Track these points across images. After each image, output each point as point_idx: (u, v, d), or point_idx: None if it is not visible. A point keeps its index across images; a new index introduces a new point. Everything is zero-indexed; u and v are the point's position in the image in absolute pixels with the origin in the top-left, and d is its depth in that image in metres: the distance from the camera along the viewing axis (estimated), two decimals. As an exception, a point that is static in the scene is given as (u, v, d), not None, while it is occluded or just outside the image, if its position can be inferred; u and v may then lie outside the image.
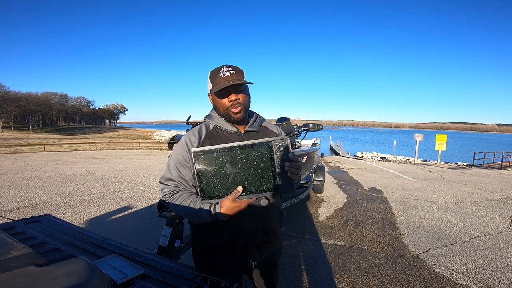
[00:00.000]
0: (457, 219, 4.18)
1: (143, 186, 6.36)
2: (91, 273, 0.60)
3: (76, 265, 0.62)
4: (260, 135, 1.23)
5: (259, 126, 1.25)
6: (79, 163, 10.71)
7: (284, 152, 0.93)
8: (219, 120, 1.18)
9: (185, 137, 1.16)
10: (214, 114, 1.21)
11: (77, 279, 0.56)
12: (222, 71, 1.10)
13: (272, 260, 1.37)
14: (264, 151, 0.93)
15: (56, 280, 0.55)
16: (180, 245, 2.14)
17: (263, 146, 0.94)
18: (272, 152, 0.93)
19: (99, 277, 0.62)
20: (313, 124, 3.77)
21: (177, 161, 1.13)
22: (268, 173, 0.94)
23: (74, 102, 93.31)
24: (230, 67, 1.11)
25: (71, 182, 6.66)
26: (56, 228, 1.49)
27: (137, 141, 28.02)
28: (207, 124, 1.21)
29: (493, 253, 3.01)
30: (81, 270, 0.60)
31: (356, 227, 3.86)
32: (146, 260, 1.14)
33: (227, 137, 1.17)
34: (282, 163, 0.93)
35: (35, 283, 0.54)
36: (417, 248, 3.15)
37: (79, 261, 0.64)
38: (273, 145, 0.93)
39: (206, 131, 1.18)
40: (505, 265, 2.74)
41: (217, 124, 1.18)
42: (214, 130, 1.18)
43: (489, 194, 6.01)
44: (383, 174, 9.14)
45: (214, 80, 1.11)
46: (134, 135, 48.31)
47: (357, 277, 2.54)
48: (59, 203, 4.89)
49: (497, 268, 2.69)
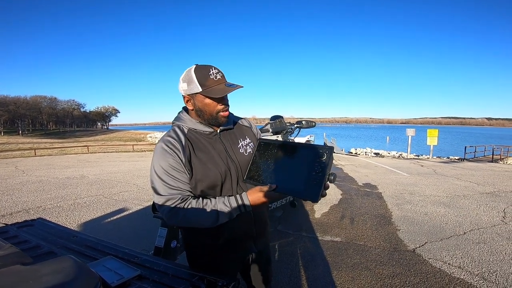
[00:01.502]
0: (451, 213, 4.23)
1: (137, 188, 6.31)
2: (78, 272, 0.59)
3: (62, 263, 0.61)
4: (234, 131, 1.24)
5: (232, 123, 1.25)
6: (71, 166, 10.57)
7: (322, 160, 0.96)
8: (193, 122, 1.15)
9: (165, 143, 1.08)
10: (185, 117, 1.17)
11: (63, 277, 0.56)
12: (212, 72, 1.07)
13: (265, 255, 1.41)
14: (308, 155, 0.99)
15: (41, 278, 0.55)
16: (177, 245, 2.13)
17: (309, 150, 1.00)
18: (314, 158, 0.97)
19: (87, 275, 0.61)
20: (306, 121, 3.78)
21: (168, 168, 1.05)
22: (302, 176, 0.97)
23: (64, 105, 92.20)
24: (217, 69, 1.10)
25: (63, 186, 6.57)
26: (50, 232, 1.47)
27: (130, 143, 27.76)
28: (180, 127, 1.15)
29: (488, 246, 3.04)
30: (67, 268, 0.59)
31: (352, 223, 3.89)
32: (142, 261, 1.13)
33: (206, 139, 1.15)
34: (317, 171, 0.95)
35: (21, 281, 0.54)
36: (413, 243, 3.17)
37: (66, 260, 0.63)
38: (317, 152, 0.98)
39: (184, 135, 1.12)
40: (500, 258, 2.76)
41: (192, 127, 1.14)
42: (191, 133, 1.13)
43: (481, 187, 6.10)
44: (377, 170, 9.22)
45: (205, 83, 1.06)
46: (127, 137, 47.87)
47: (355, 273, 2.56)
48: (52, 207, 4.82)
49: (493, 261, 2.71)
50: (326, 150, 0.96)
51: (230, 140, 1.20)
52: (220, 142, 1.16)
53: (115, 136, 54.80)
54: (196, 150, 1.10)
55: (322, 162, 0.95)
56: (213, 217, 1.04)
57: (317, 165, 0.95)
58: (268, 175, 1.06)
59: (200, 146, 1.12)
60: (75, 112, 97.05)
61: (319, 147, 0.99)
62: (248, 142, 1.24)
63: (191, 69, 1.08)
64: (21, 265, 0.62)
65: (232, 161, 1.15)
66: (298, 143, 1.06)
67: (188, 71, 1.08)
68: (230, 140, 1.20)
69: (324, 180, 0.93)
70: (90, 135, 59.74)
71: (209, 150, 1.12)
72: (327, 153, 0.95)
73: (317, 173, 0.94)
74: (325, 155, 0.95)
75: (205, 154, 1.11)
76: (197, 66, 1.08)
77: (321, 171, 0.94)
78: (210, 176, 1.09)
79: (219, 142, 1.16)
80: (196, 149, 1.11)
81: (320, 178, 0.93)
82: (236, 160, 1.17)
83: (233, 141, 1.21)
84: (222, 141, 1.17)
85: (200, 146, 1.12)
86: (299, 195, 0.97)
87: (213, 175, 1.09)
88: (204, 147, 1.12)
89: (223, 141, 1.17)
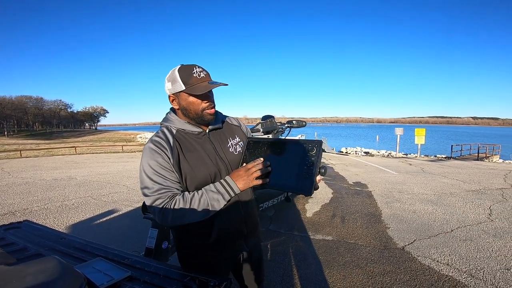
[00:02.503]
0: (438, 211, 4.32)
1: (127, 189, 6.22)
2: (62, 272, 0.59)
3: (46, 263, 0.61)
4: (224, 131, 1.25)
5: (221, 122, 1.25)
6: (58, 168, 10.35)
7: (312, 154, 0.99)
8: (181, 123, 1.14)
9: (153, 143, 1.07)
10: (173, 117, 1.16)
11: (47, 277, 0.56)
12: (195, 71, 1.07)
13: (257, 254, 1.42)
14: (298, 151, 1.02)
15: (25, 278, 0.55)
16: (168, 246, 2.12)
17: (298, 146, 1.02)
18: (304, 153, 1.00)
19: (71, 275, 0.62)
20: (297, 121, 3.80)
21: (156, 167, 1.04)
22: (294, 171, 1.00)
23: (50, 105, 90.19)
24: (201, 67, 1.10)
25: (51, 188, 6.43)
26: (37, 234, 1.44)
27: (119, 144, 27.35)
28: (168, 128, 1.14)
29: (475, 243, 3.10)
30: (51, 268, 0.59)
31: (343, 221, 3.93)
32: (133, 262, 1.11)
33: (194, 139, 1.14)
34: (308, 165, 0.98)
35: (4, 281, 0.54)
36: (402, 241, 3.23)
37: (50, 260, 0.63)
38: (306, 147, 1.00)
39: (172, 135, 1.11)
40: (487, 255, 2.82)
41: (180, 127, 1.14)
42: (179, 134, 1.13)
43: (467, 185, 6.25)
44: (367, 169, 9.34)
45: (188, 81, 1.06)
46: (116, 138, 47.15)
47: (347, 271, 2.59)
48: (39, 209, 4.72)
49: (480, 258, 2.76)
50: (315, 144, 1.00)
51: (219, 139, 1.20)
52: (209, 142, 1.16)
53: (103, 136, 53.89)
54: (185, 151, 1.10)
55: (312, 156, 0.98)
56: (204, 209, 1.03)
57: (307, 160, 0.98)
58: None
59: (188, 146, 1.12)
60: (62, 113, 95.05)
61: (308, 142, 1.01)
62: (237, 141, 1.25)
63: (176, 69, 1.09)
64: (5, 265, 0.61)
65: (221, 160, 1.15)
66: (287, 139, 1.09)
67: (173, 71, 1.09)
68: (219, 139, 1.20)
69: (315, 173, 0.96)
70: (77, 136, 58.59)
71: (197, 150, 1.12)
72: (316, 147, 0.99)
73: (308, 167, 0.97)
74: (314, 149, 0.98)
75: (193, 155, 1.11)
76: (181, 66, 1.09)
77: (311, 165, 0.97)
78: (199, 177, 1.09)
79: (208, 142, 1.16)
80: (185, 149, 1.10)
81: (311, 171, 0.96)
82: (226, 160, 1.17)
83: (223, 140, 1.21)
84: (211, 141, 1.17)
85: (189, 146, 1.12)
86: (292, 190, 1.00)
87: (202, 176, 1.09)
88: (193, 148, 1.12)
89: (212, 140, 1.17)
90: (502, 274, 2.45)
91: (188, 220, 1.03)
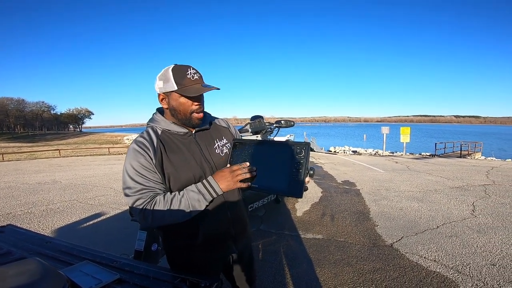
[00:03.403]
0: (424, 208, 4.42)
1: (115, 192, 6.11)
2: (44, 273, 0.59)
3: (28, 265, 0.61)
4: (210, 132, 1.24)
5: (208, 123, 1.25)
6: (42, 171, 10.06)
7: (301, 157, 0.99)
8: (167, 123, 1.13)
9: (137, 143, 1.07)
10: (159, 118, 1.15)
11: (28, 279, 0.56)
12: (189, 72, 1.07)
13: (248, 255, 1.41)
14: (286, 153, 1.02)
15: (6, 280, 0.55)
16: (158, 248, 2.09)
17: (286, 148, 1.02)
18: (292, 155, 1.00)
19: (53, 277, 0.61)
20: (285, 121, 3.84)
21: (138, 168, 1.03)
22: (283, 174, 1.00)
23: (32, 107, 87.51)
24: (195, 69, 1.10)
25: (34, 192, 6.25)
26: (21, 238, 1.40)
27: (106, 146, 26.77)
28: (153, 128, 1.13)
29: (460, 239, 3.17)
30: (33, 270, 0.59)
31: (332, 220, 3.98)
32: (122, 265, 1.09)
33: (180, 140, 1.13)
34: (298, 168, 0.98)
35: None
36: (391, 238, 3.29)
37: (31, 262, 0.63)
38: (294, 149, 1.00)
39: (156, 136, 1.10)
40: (472, 251, 2.88)
41: (165, 128, 1.13)
42: (164, 135, 1.12)
43: (451, 182, 6.43)
44: (355, 167, 9.48)
45: (181, 81, 1.05)
46: (102, 140, 46.17)
47: (338, 269, 2.62)
48: (23, 213, 4.59)
49: (465, 254, 2.82)
50: (303, 146, 1.00)
51: (206, 140, 1.19)
52: (195, 143, 1.15)
53: (89, 139, 52.68)
54: (168, 152, 1.09)
55: (301, 158, 0.98)
56: (185, 209, 1.02)
57: (296, 162, 0.99)
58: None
59: (173, 147, 1.11)
60: (44, 115, 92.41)
61: (296, 144, 1.02)
62: (225, 143, 1.24)
63: (169, 68, 1.08)
64: None
65: (207, 162, 1.14)
66: (274, 141, 1.09)
67: (166, 70, 1.08)
68: (206, 140, 1.19)
69: (304, 176, 0.97)
70: (61, 138, 57.03)
71: (182, 151, 1.11)
72: (304, 150, 0.99)
73: (297, 170, 0.98)
74: (303, 152, 0.99)
75: (177, 156, 1.10)
76: (175, 66, 1.08)
77: (301, 168, 0.97)
78: (182, 178, 1.08)
79: (194, 143, 1.15)
80: (169, 150, 1.09)
81: (300, 174, 0.97)
82: (212, 161, 1.16)
83: (209, 141, 1.20)
84: (197, 142, 1.16)
85: (173, 147, 1.11)
86: (282, 193, 1.01)
87: (186, 177, 1.09)
88: (177, 148, 1.11)
89: (199, 142, 1.16)
90: (488, 270, 2.50)
91: (169, 220, 1.02)
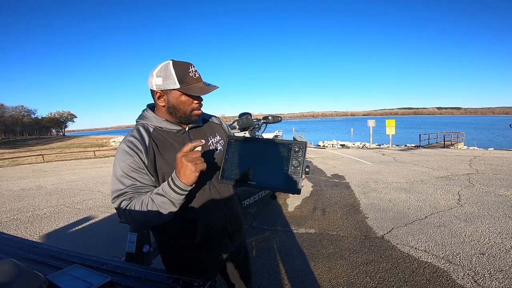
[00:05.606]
0: (412, 198, 4.51)
1: (102, 196, 5.98)
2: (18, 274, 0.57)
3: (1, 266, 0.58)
4: (204, 129, 1.23)
5: (202, 120, 1.23)
6: (25, 177, 9.76)
7: (298, 155, 1.02)
8: (159, 121, 1.10)
9: (126, 143, 1.03)
10: (150, 115, 1.12)
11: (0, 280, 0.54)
12: (191, 70, 1.04)
13: (243, 252, 1.41)
14: (284, 151, 1.04)
15: None
16: (150, 249, 2.06)
17: (284, 146, 1.05)
18: (290, 153, 1.03)
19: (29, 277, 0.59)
20: (272, 117, 3.86)
21: (127, 169, 1.01)
22: (281, 171, 1.02)
23: (12, 112, 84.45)
24: (195, 67, 1.08)
25: (19, 198, 6.08)
26: (7, 244, 1.34)
27: (91, 150, 26.16)
28: (144, 126, 1.10)
29: (448, 229, 3.22)
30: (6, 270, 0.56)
31: (324, 214, 4.02)
32: (113, 267, 1.06)
33: (173, 138, 1.11)
34: (296, 165, 1.01)
35: None
36: (381, 229, 3.34)
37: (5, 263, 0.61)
38: (292, 147, 1.03)
39: (148, 134, 1.07)
40: (461, 240, 2.93)
41: (157, 125, 1.10)
42: (156, 132, 1.09)
43: (436, 172, 6.59)
44: (344, 161, 9.61)
45: (184, 79, 1.02)
46: (87, 144, 45.14)
47: (331, 263, 2.65)
48: (9, 220, 4.47)
49: (454, 244, 2.86)
50: (301, 145, 1.03)
51: (199, 137, 1.17)
52: (188, 140, 1.13)
53: (73, 142, 51.41)
54: (162, 150, 1.07)
55: (299, 157, 1.02)
56: (154, 211, 0.95)
57: (294, 160, 1.02)
58: (245, 173, 1.06)
59: (166, 145, 1.08)
60: (25, 119, 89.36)
61: (294, 143, 1.04)
62: (218, 140, 1.23)
63: (169, 64, 1.02)
64: None
65: None
66: (271, 139, 1.10)
67: (165, 66, 1.02)
68: (199, 137, 1.17)
69: (302, 173, 1.00)
70: (44, 143, 55.38)
71: (176, 149, 1.07)
72: (302, 149, 1.03)
73: (295, 168, 1.01)
74: (301, 150, 1.02)
75: (171, 154, 1.06)
76: (174, 62, 1.03)
77: (298, 165, 1.01)
78: None
79: (187, 140, 1.13)
80: (162, 148, 1.07)
81: (298, 172, 1.00)
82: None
83: (202, 138, 1.18)
84: (191, 139, 1.14)
85: (167, 145, 1.08)
86: (280, 189, 1.02)
87: None
88: (171, 146, 1.09)
89: (192, 139, 1.14)
90: (477, 259, 2.53)
91: (146, 222, 0.99)
